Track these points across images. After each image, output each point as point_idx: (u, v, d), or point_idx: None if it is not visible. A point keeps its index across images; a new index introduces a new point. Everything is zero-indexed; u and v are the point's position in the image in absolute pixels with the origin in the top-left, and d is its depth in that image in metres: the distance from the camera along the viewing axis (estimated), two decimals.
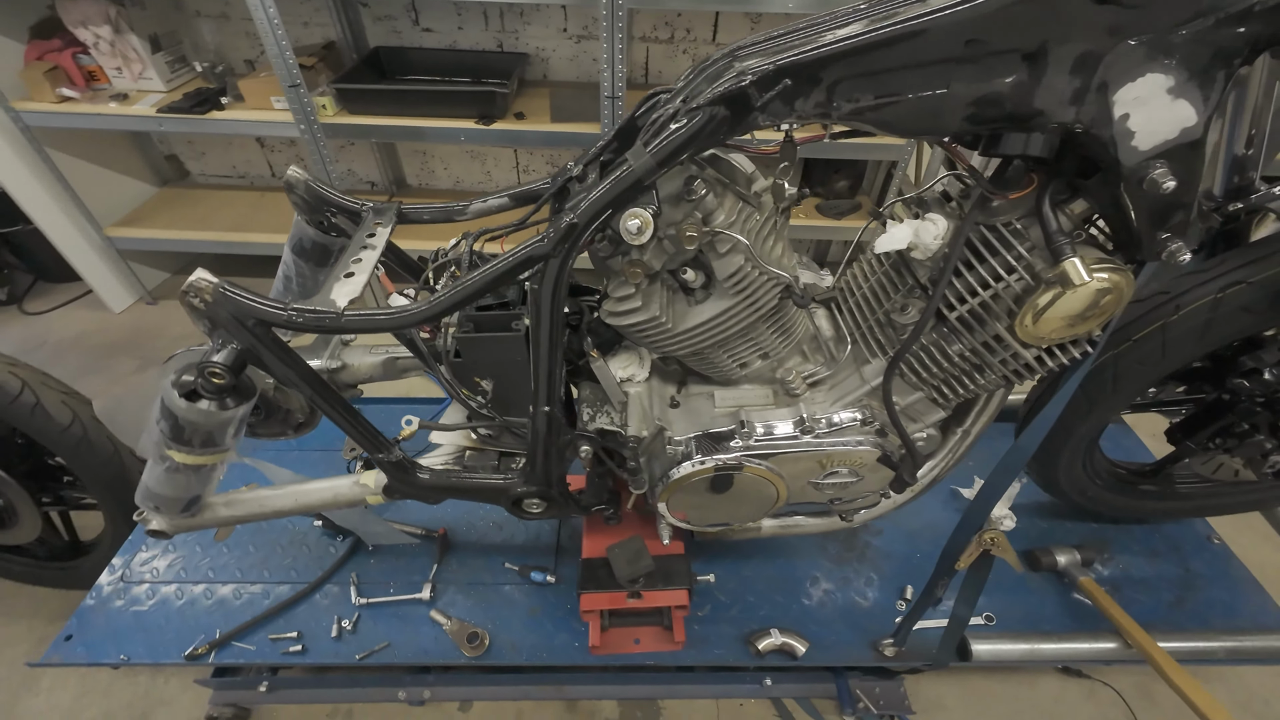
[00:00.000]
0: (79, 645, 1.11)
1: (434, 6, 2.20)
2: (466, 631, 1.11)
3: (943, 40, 0.52)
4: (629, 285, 0.70)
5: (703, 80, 0.59)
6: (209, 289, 0.60)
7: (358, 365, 0.99)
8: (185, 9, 2.20)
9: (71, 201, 2.20)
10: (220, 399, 0.66)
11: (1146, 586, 1.22)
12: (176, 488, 0.73)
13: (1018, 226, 0.66)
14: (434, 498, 0.84)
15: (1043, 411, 0.78)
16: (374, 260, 0.72)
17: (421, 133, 2.05)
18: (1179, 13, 0.51)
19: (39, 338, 2.42)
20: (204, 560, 1.25)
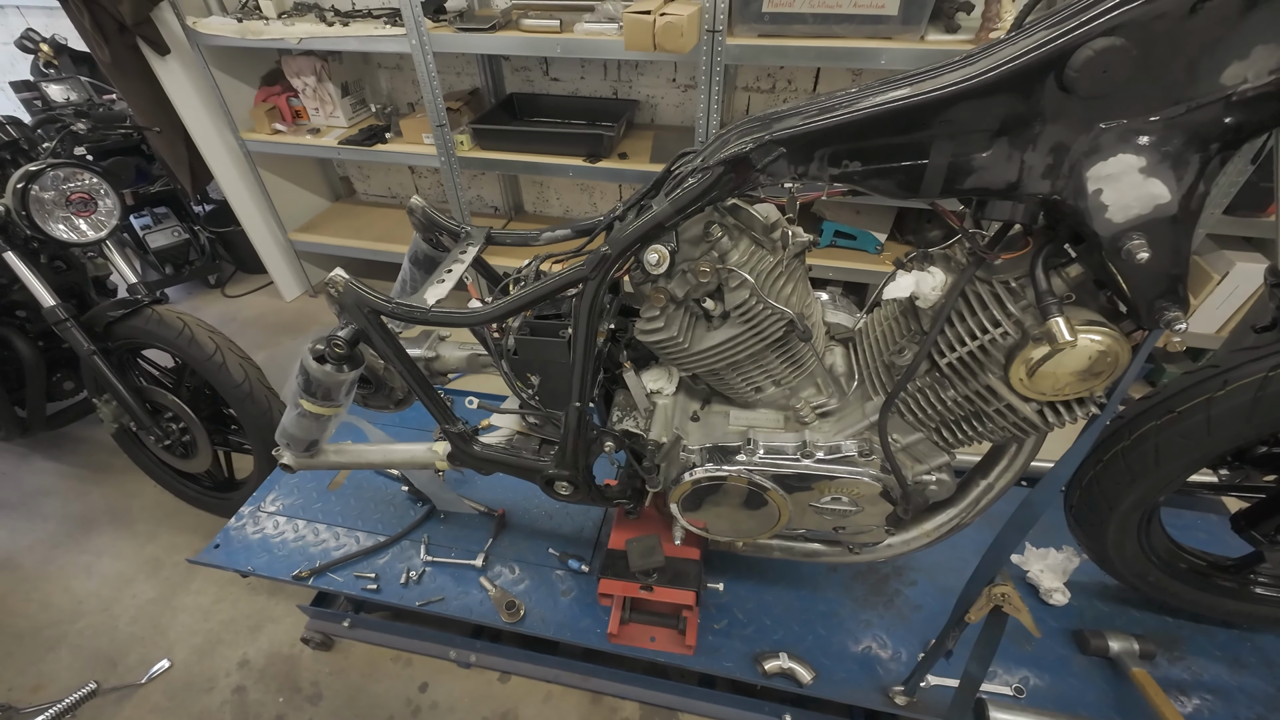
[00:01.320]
0: (222, 553, 1.42)
1: (562, 62, 2.53)
2: (506, 600, 1.27)
3: (920, 120, 0.61)
4: (655, 308, 0.83)
5: (719, 144, 0.72)
6: (341, 282, 0.83)
7: (448, 357, 1.20)
8: (371, 62, 2.72)
9: (269, 210, 2.76)
10: (339, 364, 0.88)
11: (1222, 697, 1.10)
12: (302, 429, 0.97)
13: (1013, 285, 0.71)
14: (485, 469, 1.02)
15: (1052, 469, 0.79)
16: (461, 271, 0.92)
17: (538, 167, 2.34)
18: (1147, 102, 0.56)
19: (231, 315, 3.02)
20: (317, 504, 1.54)
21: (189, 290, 3.22)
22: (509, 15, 2.10)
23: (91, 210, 1.59)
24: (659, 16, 1.70)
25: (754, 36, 1.88)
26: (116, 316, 1.58)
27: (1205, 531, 1.31)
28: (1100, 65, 0.53)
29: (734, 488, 0.89)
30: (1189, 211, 0.58)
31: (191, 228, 3.04)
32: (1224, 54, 0.53)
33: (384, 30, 2.11)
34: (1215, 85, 0.54)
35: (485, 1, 2.37)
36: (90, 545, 1.97)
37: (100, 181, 1.59)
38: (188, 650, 1.66)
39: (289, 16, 2.26)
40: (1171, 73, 0.54)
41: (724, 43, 1.85)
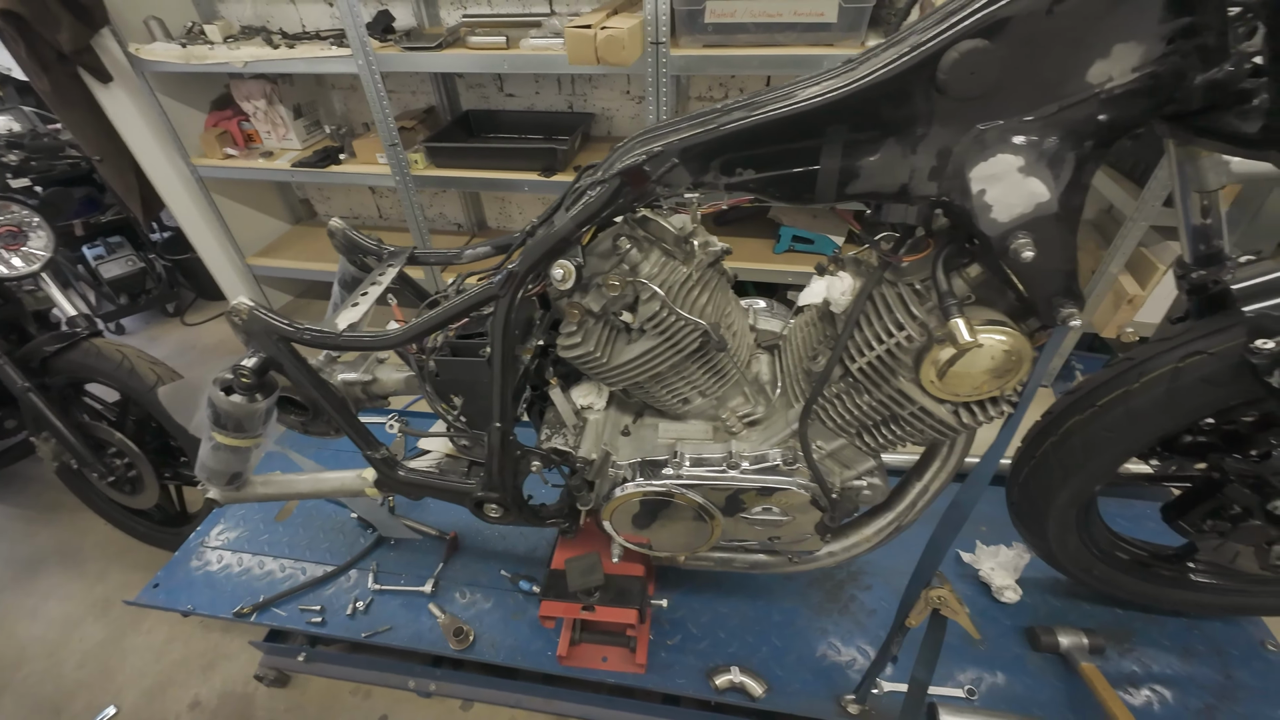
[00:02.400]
0: (161, 593, 1.37)
1: (516, 77, 2.53)
2: (454, 626, 1.24)
3: (807, 127, 0.61)
4: (572, 323, 0.82)
5: (619, 156, 0.71)
6: (245, 310, 0.81)
7: (386, 380, 1.17)
8: (324, 83, 2.70)
9: (225, 236, 2.72)
10: (249, 394, 0.85)
11: (1172, 687, 1.09)
12: (220, 462, 0.94)
13: (918, 287, 0.70)
14: (413, 494, 0.99)
15: (976, 468, 0.79)
16: (379, 293, 0.90)
17: (493, 183, 2.33)
18: (1020, 102, 0.56)
19: (190, 343, 2.96)
20: (264, 536, 1.49)
21: (147, 320, 3.15)
22: (456, 33, 2.09)
23: (22, 243, 1.54)
24: (600, 30, 1.70)
25: (699, 47, 1.89)
26: (52, 351, 1.54)
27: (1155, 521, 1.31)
28: (968, 67, 0.53)
29: (664, 502, 0.87)
30: (1070, 209, 0.58)
31: (147, 256, 2.99)
32: (1087, 53, 0.53)
33: (330, 51, 2.10)
34: (1083, 84, 0.54)
35: (435, 19, 2.37)
36: (37, 587, 1.90)
37: (31, 214, 1.55)
38: (137, 694, 1.60)
39: (235, 40, 2.23)
40: (1040, 73, 0.54)
41: (668, 54, 1.86)
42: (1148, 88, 0.54)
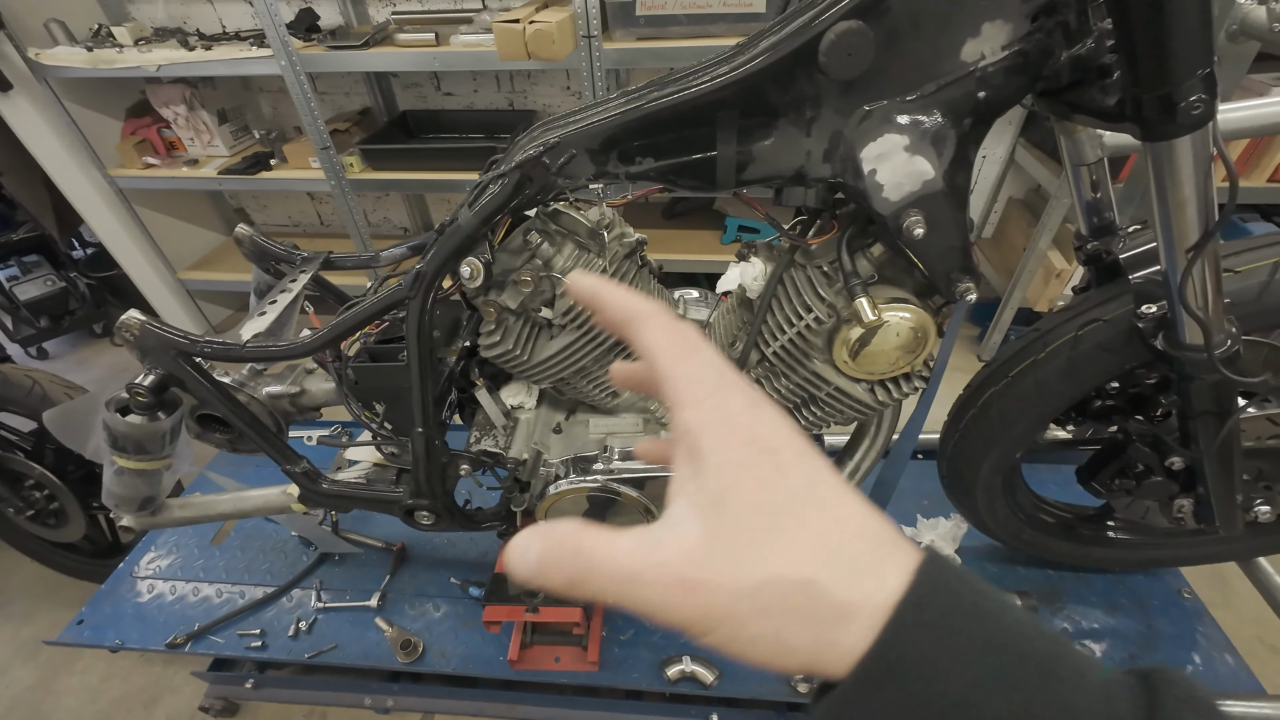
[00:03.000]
0: (87, 629, 1.29)
1: (453, 75, 2.47)
2: (402, 639, 1.21)
3: (698, 113, 0.61)
4: (490, 322, 0.80)
5: (516, 149, 0.70)
6: (136, 325, 0.76)
7: (315, 391, 1.13)
8: (250, 86, 2.59)
9: (153, 250, 2.59)
10: (150, 413, 0.81)
11: (1100, 640, 1.15)
12: (127, 488, 0.89)
13: (826, 269, 0.71)
14: (340, 506, 0.96)
15: (896, 443, 0.80)
16: (288, 301, 0.86)
17: (434, 185, 2.28)
18: (900, 82, 0.57)
19: (123, 366, 2.81)
20: (199, 562, 1.43)
21: (73, 342, 2.98)
22: (384, 30, 2.03)
23: None
24: (528, 25, 1.68)
25: (632, 40, 1.88)
26: None
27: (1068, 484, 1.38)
28: (844, 48, 0.53)
29: (597, 498, 0.87)
30: (956, 185, 0.59)
31: (68, 275, 2.81)
32: (958, 32, 0.54)
33: (251, 53, 2.01)
34: (958, 63, 0.56)
35: (363, 17, 2.30)
36: None
37: None
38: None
39: (146, 43, 2.12)
40: (915, 53, 0.55)
41: (601, 48, 1.84)
42: (1019, 65, 0.56)
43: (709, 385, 0.26)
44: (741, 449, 0.24)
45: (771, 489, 0.24)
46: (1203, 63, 0.46)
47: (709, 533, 0.23)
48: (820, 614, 0.22)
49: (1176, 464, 0.83)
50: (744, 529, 0.23)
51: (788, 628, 0.22)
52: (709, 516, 0.23)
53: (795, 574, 0.22)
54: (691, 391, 0.25)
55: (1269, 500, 0.87)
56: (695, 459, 0.24)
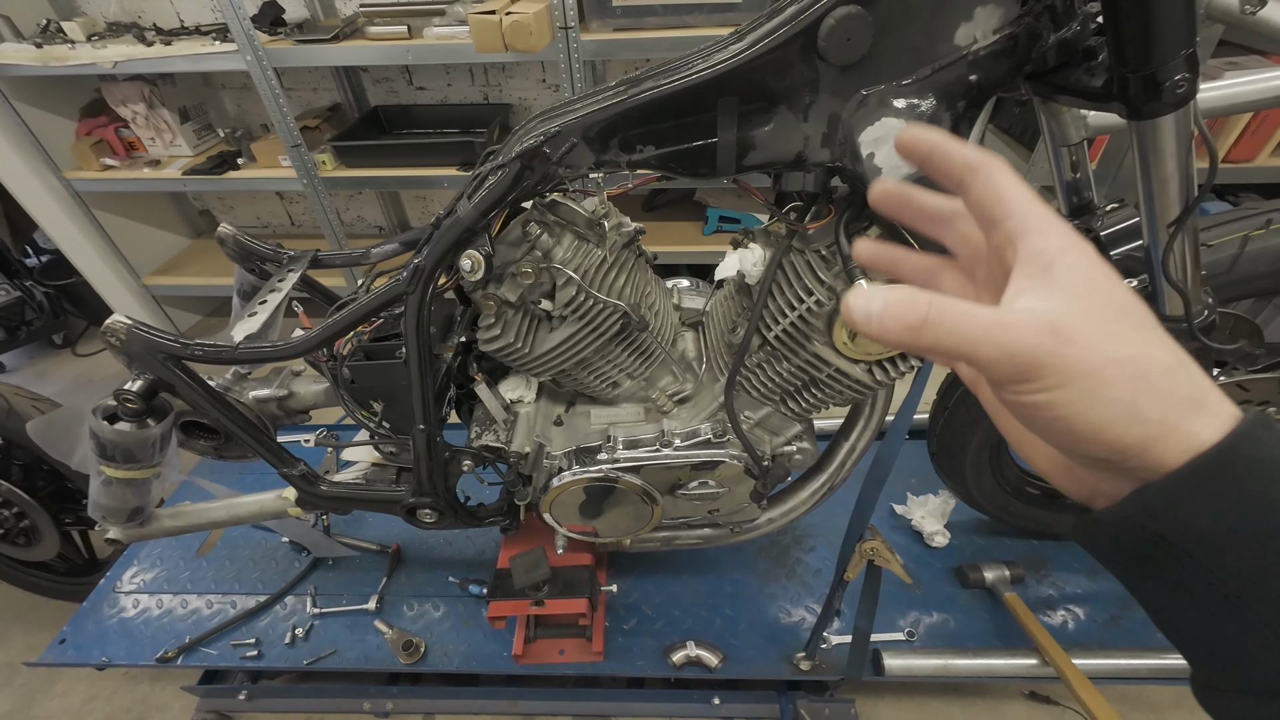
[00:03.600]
0: (70, 648, 1.25)
1: (425, 69, 2.42)
2: (403, 640, 1.20)
3: (699, 100, 0.61)
4: (490, 316, 0.79)
5: (517, 139, 0.69)
6: (123, 329, 0.74)
7: (304, 393, 1.11)
8: (213, 83, 2.50)
9: (114, 255, 2.48)
10: (139, 420, 0.78)
11: (1083, 604, 1.20)
12: (115, 499, 0.86)
13: (824, 253, 0.73)
14: (339, 508, 0.95)
15: (893, 422, 0.82)
16: (278, 301, 0.84)
17: (410, 181, 2.24)
18: (897, 66, 0.58)
19: (86, 375, 2.70)
20: (184, 574, 1.39)
21: (31, 354, 2.85)
22: (354, 23, 1.98)
23: None
24: (505, 16, 1.66)
25: (609, 31, 1.87)
26: None
27: None
28: (843, 33, 0.54)
29: (602, 488, 0.87)
30: None
31: (23, 284, 2.68)
32: (951, 16, 0.56)
33: (214, 48, 1.94)
34: (952, 46, 0.57)
35: (330, 10, 2.24)
36: None
37: None
38: None
39: (100, 38, 2.03)
40: (911, 37, 0.56)
41: (579, 39, 1.83)
42: (1009, 48, 0.57)
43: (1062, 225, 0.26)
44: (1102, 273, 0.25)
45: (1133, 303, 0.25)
46: (1186, 43, 0.49)
47: (1080, 309, 0.24)
48: (1179, 396, 0.24)
49: None
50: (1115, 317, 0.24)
51: (1145, 398, 0.23)
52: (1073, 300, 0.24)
53: (1164, 358, 0.24)
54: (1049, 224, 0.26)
55: None
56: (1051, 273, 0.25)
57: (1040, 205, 0.27)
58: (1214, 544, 0.23)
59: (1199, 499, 0.23)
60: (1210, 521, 0.23)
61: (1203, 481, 0.23)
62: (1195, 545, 0.23)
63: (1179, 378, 0.24)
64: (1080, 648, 1.09)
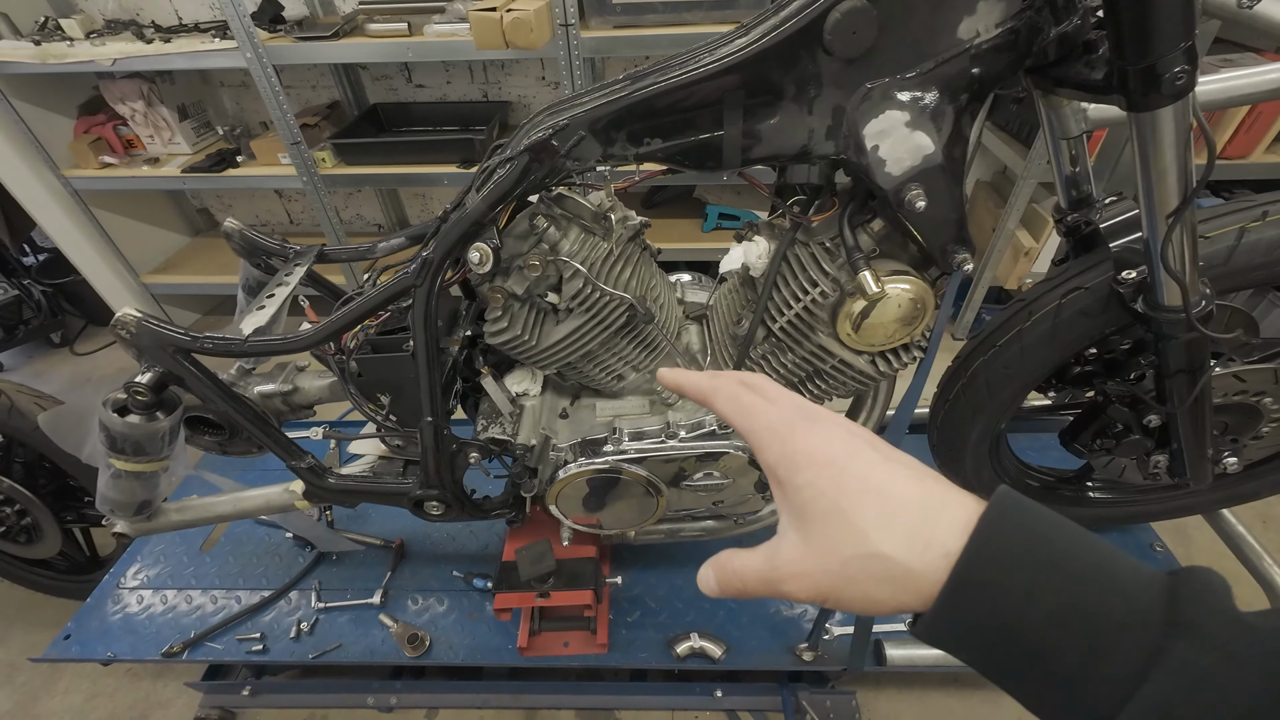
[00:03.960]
0: (74, 644, 1.25)
1: (424, 66, 2.43)
2: (409, 633, 1.21)
3: (705, 93, 0.62)
4: (497, 308, 0.80)
5: (525, 132, 0.70)
6: (133, 322, 0.74)
7: (308, 388, 1.11)
8: (211, 81, 2.49)
9: (113, 254, 2.48)
10: (148, 413, 0.79)
11: None
12: (123, 492, 0.86)
13: (828, 245, 0.74)
14: (347, 501, 0.95)
15: (894, 415, 0.83)
16: (286, 295, 0.85)
17: (410, 178, 2.24)
18: (901, 60, 0.59)
19: (85, 374, 2.69)
20: (189, 570, 1.39)
21: (29, 353, 2.84)
22: (353, 20, 1.98)
23: None
24: (505, 13, 1.66)
25: (609, 28, 1.88)
26: None
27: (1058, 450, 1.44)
28: (849, 26, 0.55)
29: (608, 480, 0.88)
30: (954, 159, 0.62)
31: (21, 283, 2.67)
32: (954, 10, 0.57)
33: (213, 45, 1.94)
34: (954, 40, 0.58)
35: (329, 8, 2.24)
36: None
37: None
38: None
39: (98, 36, 2.02)
40: (914, 30, 0.58)
41: (579, 36, 1.84)
42: (1010, 42, 0.58)
43: (771, 430, 0.34)
44: (807, 471, 0.32)
45: (836, 492, 0.31)
46: (1185, 36, 0.50)
47: (803, 538, 0.32)
48: (893, 575, 0.29)
49: (1153, 422, 0.88)
50: (823, 531, 0.31)
51: (872, 589, 0.30)
52: (800, 527, 0.32)
53: (866, 550, 0.30)
54: (763, 440, 0.34)
55: (1235, 453, 0.94)
56: (780, 487, 0.34)
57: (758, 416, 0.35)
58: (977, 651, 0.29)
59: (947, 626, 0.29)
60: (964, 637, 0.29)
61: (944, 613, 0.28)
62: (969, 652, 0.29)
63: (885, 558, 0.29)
64: None
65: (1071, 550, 0.28)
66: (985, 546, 0.28)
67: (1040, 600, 0.26)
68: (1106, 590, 0.26)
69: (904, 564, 0.29)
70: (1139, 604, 0.26)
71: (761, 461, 0.34)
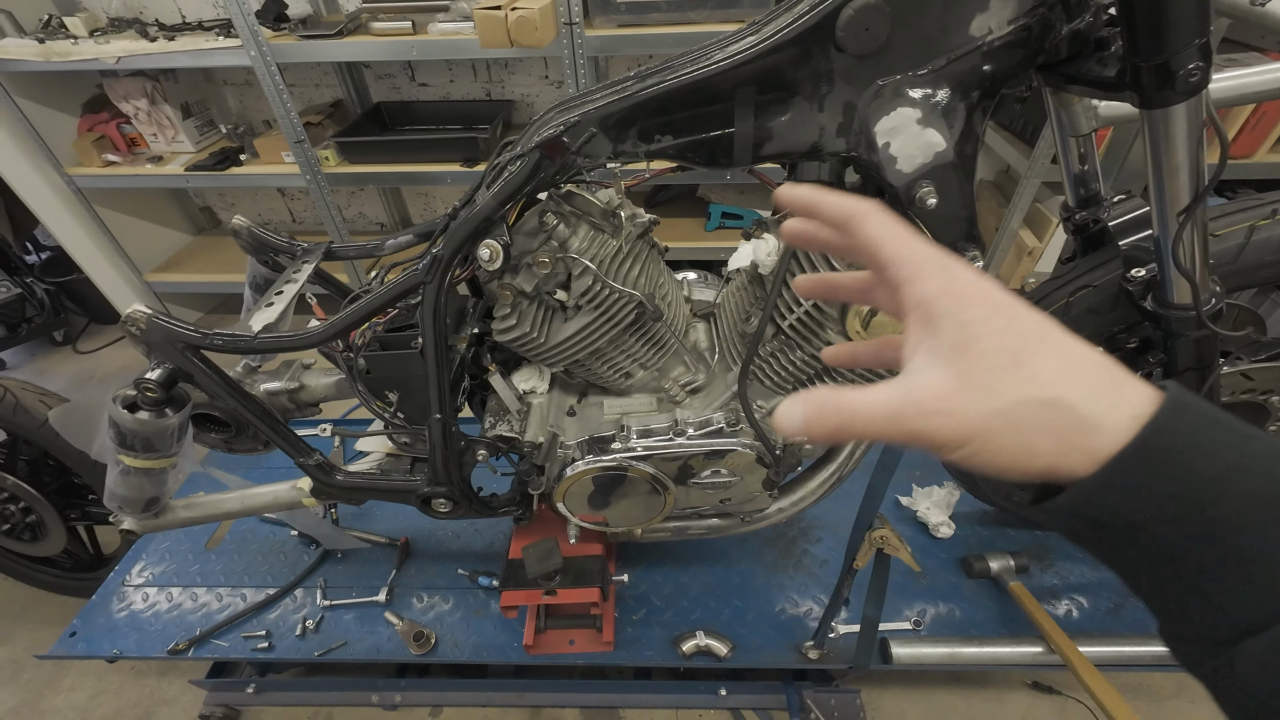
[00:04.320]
0: (80, 641, 1.25)
1: (428, 65, 2.43)
2: (414, 631, 1.21)
3: (717, 90, 0.62)
4: (505, 305, 0.80)
5: (536, 129, 0.70)
6: (143, 319, 0.74)
7: (315, 385, 1.11)
8: (214, 79, 2.49)
9: (117, 252, 2.48)
10: (158, 409, 0.79)
11: (1086, 593, 1.22)
12: (132, 489, 0.86)
13: None
14: (355, 498, 0.95)
15: None
16: (294, 292, 0.85)
17: (413, 177, 2.24)
18: (913, 57, 0.59)
19: (88, 373, 2.69)
20: (194, 567, 1.39)
21: (32, 351, 2.84)
22: (357, 19, 1.98)
23: None
24: (510, 11, 1.66)
25: (613, 27, 1.88)
26: None
27: None
28: (861, 23, 0.55)
29: (615, 477, 0.88)
30: (965, 156, 0.62)
31: (24, 281, 2.67)
32: (967, 7, 0.57)
33: (217, 43, 1.94)
34: (967, 37, 0.58)
35: (332, 6, 2.24)
36: None
37: None
38: None
39: (102, 34, 2.02)
40: (927, 27, 0.57)
41: (583, 35, 1.83)
42: (1022, 39, 0.58)
43: (936, 263, 0.29)
44: (977, 307, 0.28)
45: (1010, 334, 0.27)
46: (1200, 32, 0.50)
47: (958, 373, 0.27)
48: (1067, 426, 0.26)
49: None
50: (990, 367, 0.27)
51: (1035, 437, 0.26)
52: (955, 361, 0.27)
53: (1042, 395, 0.26)
54: (921, 269, 0.29)
55: None
56: (931, 323, 0.28)
57: (914, 246, 0.30)
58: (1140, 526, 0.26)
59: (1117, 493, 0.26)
60: (1133, 508, 0.25)
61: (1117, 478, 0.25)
62: (1126, 527, 0.26)
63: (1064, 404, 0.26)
64: (1084, 635, 1.10)
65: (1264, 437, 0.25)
66: (1181, 413, 0.25)
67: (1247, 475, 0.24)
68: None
69: (1086, 415, 0.25)
70: None
71: (910, 293, 0.29)
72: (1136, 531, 0.26)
